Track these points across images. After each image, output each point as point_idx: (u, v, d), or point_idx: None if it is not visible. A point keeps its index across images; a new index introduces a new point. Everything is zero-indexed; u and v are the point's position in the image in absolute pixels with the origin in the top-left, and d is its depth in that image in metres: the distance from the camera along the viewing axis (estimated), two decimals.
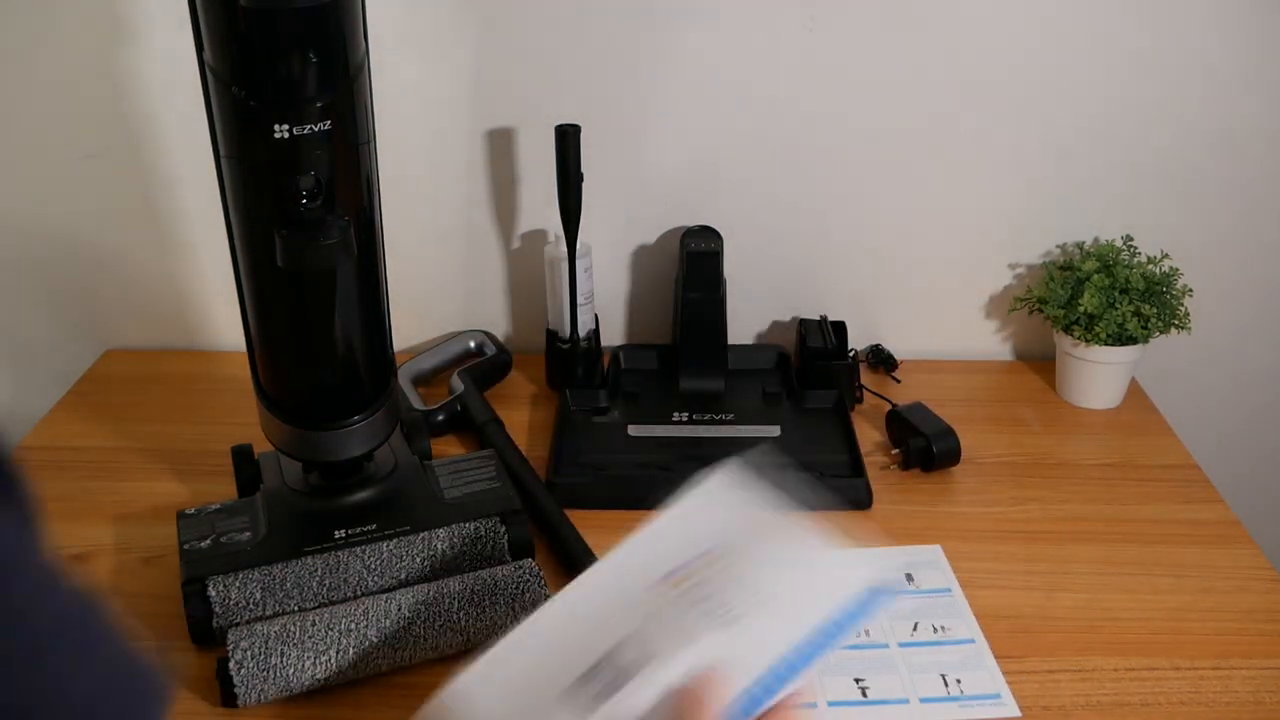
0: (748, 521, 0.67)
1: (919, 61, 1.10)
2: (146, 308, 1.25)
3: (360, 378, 0.87)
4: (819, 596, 0.63)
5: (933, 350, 1.23)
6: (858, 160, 1.15)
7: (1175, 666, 0.82)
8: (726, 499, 0.69)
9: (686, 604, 0.62)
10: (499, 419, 1.07)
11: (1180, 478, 1.04)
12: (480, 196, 1.18)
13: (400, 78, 1.09)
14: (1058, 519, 0.98)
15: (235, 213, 0.79)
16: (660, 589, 0.63)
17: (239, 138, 0.75)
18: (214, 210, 0.81)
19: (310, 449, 0.88)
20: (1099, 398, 1.14)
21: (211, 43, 0.72)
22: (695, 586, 0.63)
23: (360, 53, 0.76)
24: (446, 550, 0.86)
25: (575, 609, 0.66)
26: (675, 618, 0.61)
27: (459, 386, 1.11)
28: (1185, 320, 1.10)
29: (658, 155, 1.15)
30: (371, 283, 0.85)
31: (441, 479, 0.93)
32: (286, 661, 0.76)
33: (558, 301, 1.13)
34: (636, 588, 0.64)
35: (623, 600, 0.63)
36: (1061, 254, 1.19)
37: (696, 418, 1.09)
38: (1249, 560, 0.93)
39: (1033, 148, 1.14)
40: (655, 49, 1.10)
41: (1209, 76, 1.10)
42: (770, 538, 0.66)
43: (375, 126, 0.80)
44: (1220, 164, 1.14)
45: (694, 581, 0.63)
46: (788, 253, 1.20)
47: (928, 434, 1.02)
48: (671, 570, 0.64)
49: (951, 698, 0.79)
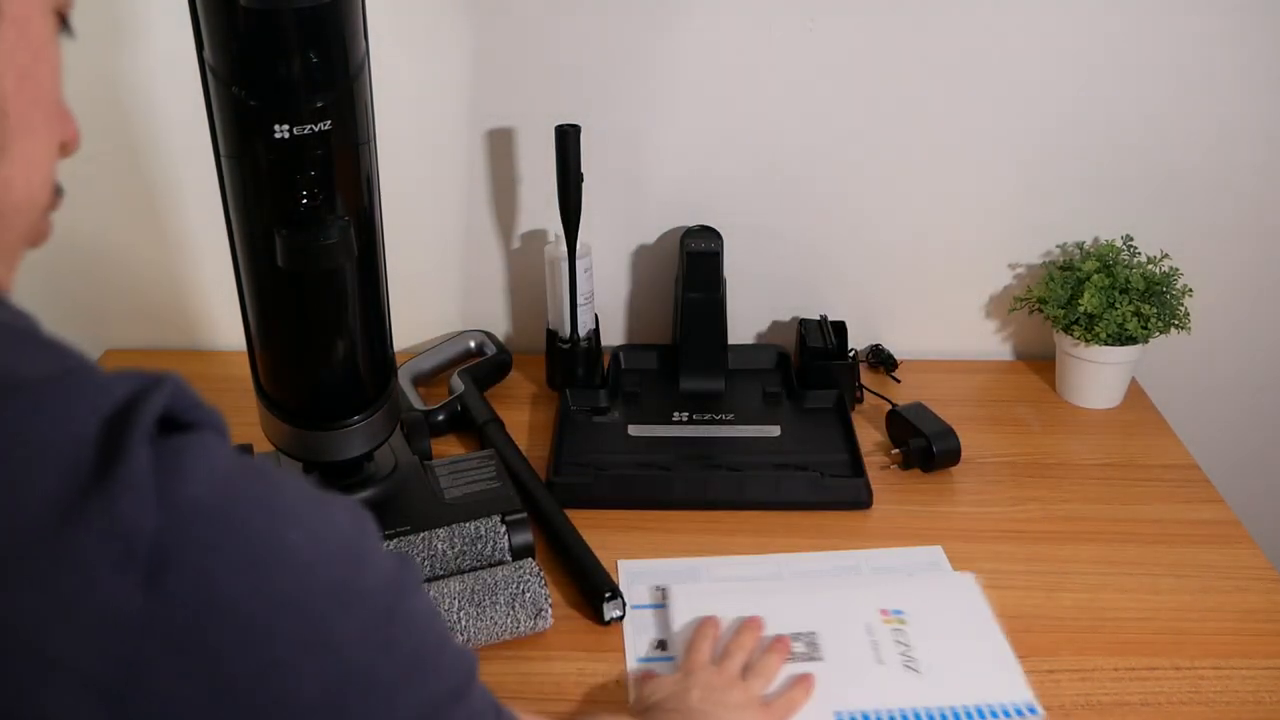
0: (966, 611, 0.86)
1: (919, 62, 1.09)
2: (146, 308, 1.25)
3: (360, 378, 0.87)
4: (981, 687, 0.79)
5: (933, 350, 1.23)
6: (858, 160, 1.15)
7: (1175, 666, 0.81)
8: (962, 591, 0.88)
9: (891, 636, 0.82)
10: (499, 419, 1.07)
11: (1180, 478, 1.04)
12: (480, 196, 1.18)
13: (400, 78, 1.09)
14: (1058, 519, 0.98)
15: (235, 213, 0.79)
16: (878, 615, 0.84)
17: (239, 138, 0.75)
18: (214, 210, 0.81)
19: (310, 449, 0.88)
20: (1099, 398, 1.14)
21: (211, 43, 0.72)
22: (902, 628, 0.83)
23: (360, 52, 0.76)
24: (446, 550, 0.86)
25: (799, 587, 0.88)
26: (875, 644, 0.81)
27: (459, 386, 1.11)
28: (1185, 320, 1.10)
29: (658, 155, 1.15)
30: (371, 283, 0.85)
31: (441, 479, 0.93)
32: None
33: (558, 301, 1.13)
34: (860, 605, 0.85)
35: (842, 604, 0.85)
36: (1061, 254, 1.19)
37: (696, 418, 1.09)
38: (1249, 560, 0.93)
39: (1033, 148, 1.14)
40: (655, 49, 1.10)
41: (1209, 77, 1.10)
42: (971, 631, 0.84)
43: (375, 126, 0.80)
44: (1220, 164, 1.14)
45: (903, 623, 0.83)
46: (788, 253, 1.20)
47: (928, 434, 1.02)
48: (889, 607, 0.85)
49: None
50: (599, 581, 0.86)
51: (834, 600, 0.86)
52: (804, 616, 0.84)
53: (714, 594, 0.87)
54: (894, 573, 0.91)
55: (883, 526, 0.97)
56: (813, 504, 0.98)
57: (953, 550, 0.93)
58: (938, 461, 1.02)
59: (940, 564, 0.92)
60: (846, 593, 0.88)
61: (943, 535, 0.95)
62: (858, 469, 1.01)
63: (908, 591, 0.87)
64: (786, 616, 0.84)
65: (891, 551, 0.93)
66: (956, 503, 1.00)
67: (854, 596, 0.87)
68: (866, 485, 0.99)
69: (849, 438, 1.06)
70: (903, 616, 0.84)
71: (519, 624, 0.82)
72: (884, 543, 0.94)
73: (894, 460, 1.05)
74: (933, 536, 0.95)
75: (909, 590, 0.88)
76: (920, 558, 0.93)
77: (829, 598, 0.87)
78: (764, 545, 0.94)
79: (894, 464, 1.04)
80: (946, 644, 0.82)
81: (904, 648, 0.81)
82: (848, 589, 0.88)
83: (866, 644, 0.82)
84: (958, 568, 0.91)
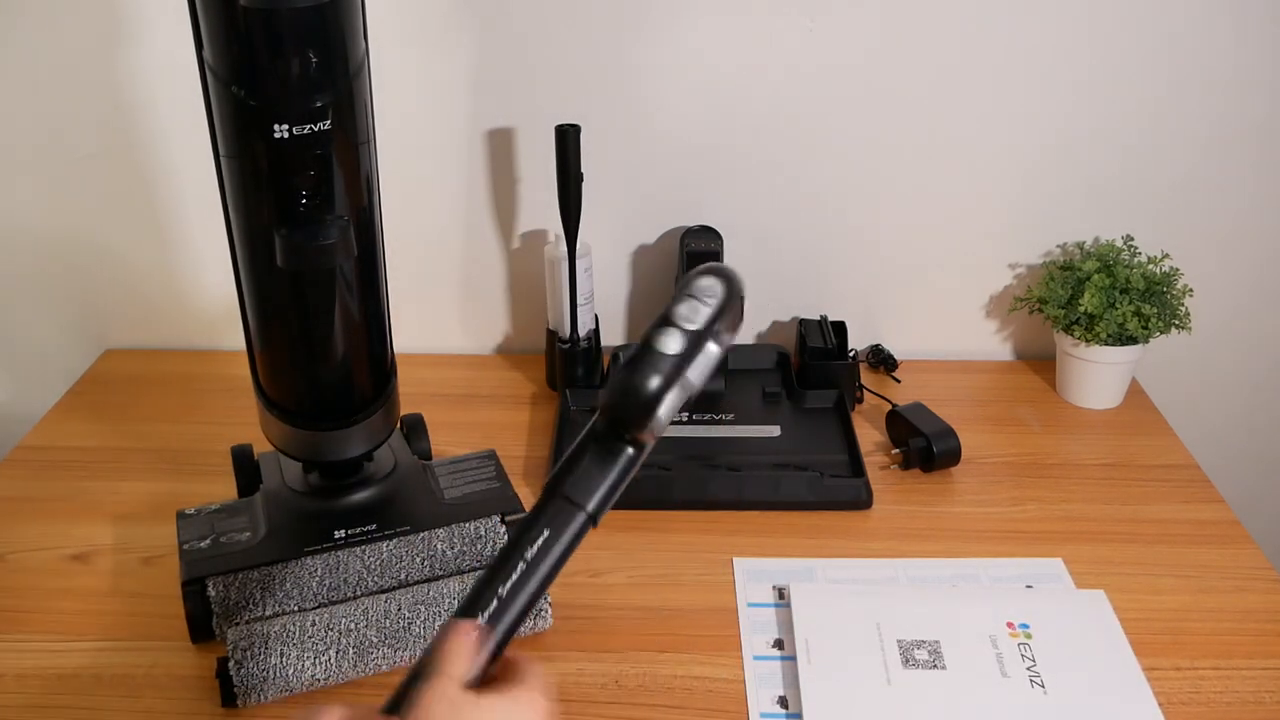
0: (1096, 628, 0.84)
1: (919, 62, 1.09)
2: (146, 308, 1.25)
3: (360, 378, 0.87)
4: (1110, 711, 0.77)
5: (933, 350, 1.23)
6: (858, 160, 1.15)
7: (1175, 666, 0.81)
8: (1092, 608, 0.86)
9: (1017, 651, 0.81)
10: None
11: (1180, 478, 1.04)
12: (480, 196, 1.18)
13: (400, 78, 1.09)
14: (1058, 519, 0.98)
15: (235, 213, 0.79)
16: (1003, 627, 0.83)
17: (239, 138, 0.75)
18: (214, 210, 0.81)
19: (310, 449, 0.87)
20: (1099, 398, 1.14)
21: (211, 43, 0.72)
22: (1028, 643, 0.82)
23: (360, 52, 0.76)
24: (446, 550, 0.86)
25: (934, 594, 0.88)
26: (1000, 657, 0.80)
27: None
28: (1185, 320, 1.10)
29: (658, 155, 1.15)
30: (371, 283, 0.85)
31: (441, 479, 0.93)
32: (286, 661, 0.76)
33: (558, 301, 1.13)
34: (985, 616, 0.84)
35: (966, 614, 0.84)
36: (1061, 254, 1.19)
37: (696, 418, 1.09)
38: (1249, 560, 0.93)
39: (1033, 148, 1.14)
40: (656, 49, 1.10)
41: (1209, 77, 1.10)
42: (1101, 651, 0.82)
43: (375, 126, 0.80)
44: (1220, 164, 1.14)
45: (1029, 637, 0.82)
46: (788, 253, 1.20)
47: (928, 434, 1.02)
48: (1016, 620, 0.84)
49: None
50: None
51: (958, 609, 0.85)
52: (927, 624, 0.83)
53: (836, 594, 0.87)
54: (1012, 582, 0.89)
55: (883, 527, 0.97)
56: (813, 504, 0.98)
57: (952, 550, 0.93)
58: (938, 461, 1.02)
59: (1061, 576, 0.90)
60: (971, 601, 0.86)
61: (943, 535, 0.95)
62: (858, 469, 1.01)
63: (1035, 604, 0.86)
64: (909, 622, 0.83)
65: (1010, 561, 0.92)
66: (956, 503, 1.00)
67: (979, 606, 0.85)
68: (866, 485, 0.99)
69: (849, 438, 1.06)
70: (1029, 630, 0.83)
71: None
72: (884, 543, 0.94)
73: (894, 460, 1.05)
74: (933, 536, 0.95)
75: (1036, 603, 0.86)
76: (1040, 569, 0.91)
77: (953, 606, 0.85)
78: (764, 546, 0.94)
79: (894, 464, 1.04)
80: (1074, 662, 0.80)
81: (1030, 663, 0.80)
82: (972, 598, 0.87)
83: (991, 656, 0.80)
84: (959, 567, 0.91)
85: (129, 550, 0.94)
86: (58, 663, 0.82)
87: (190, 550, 0.85)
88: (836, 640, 0.82)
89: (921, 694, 0.77)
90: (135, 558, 0.93)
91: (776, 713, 0.77)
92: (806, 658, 0.81)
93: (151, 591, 0.89)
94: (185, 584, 0.82)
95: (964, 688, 0.78)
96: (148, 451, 1.08)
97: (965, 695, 0.77)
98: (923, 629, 0.83)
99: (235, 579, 0.82)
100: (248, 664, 0.76)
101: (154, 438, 1.10)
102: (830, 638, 0.82)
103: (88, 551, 0.94)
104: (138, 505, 1.00)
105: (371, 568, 0.85)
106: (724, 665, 0.82)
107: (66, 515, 0.98)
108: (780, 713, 0.77)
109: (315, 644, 0.77)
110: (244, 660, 0.76)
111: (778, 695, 0.79)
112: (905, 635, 0.82)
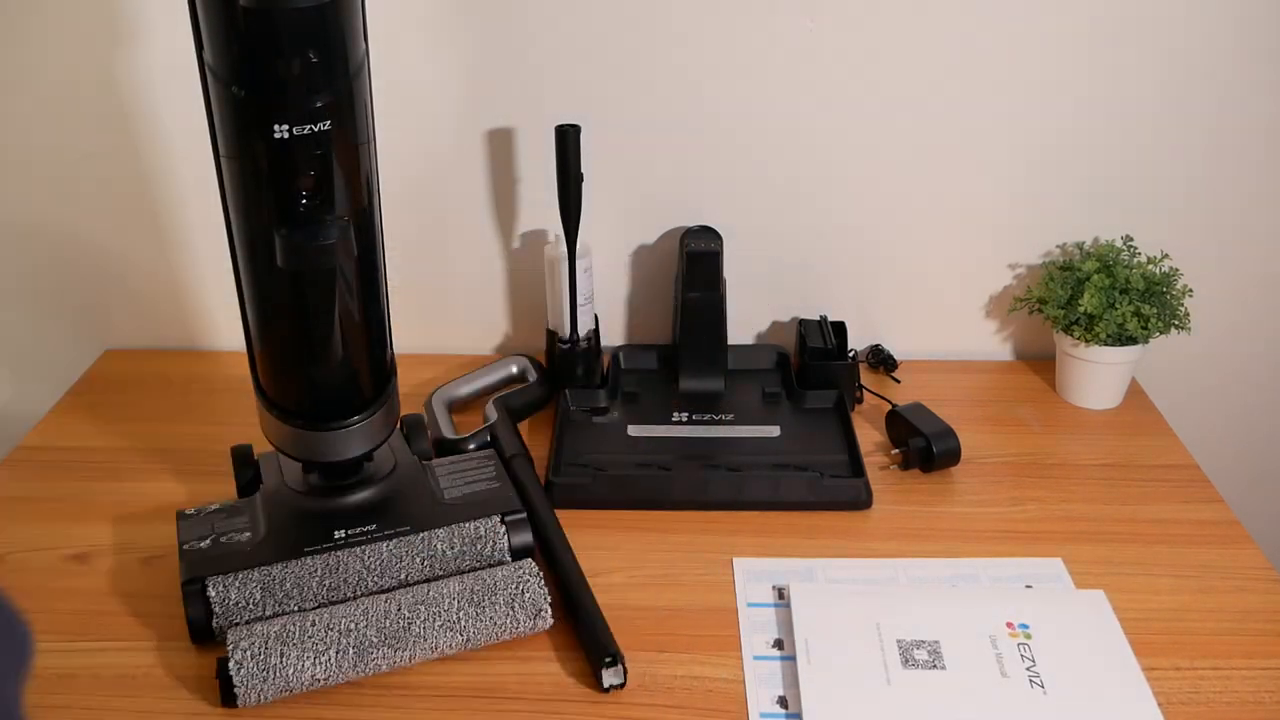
0: (1095, 629, 0.84)
1: (920, 62, 1.09)
2: (146, 308, 1.25)
3: (360, 378, 0.87)
4: (1110, 711, 0.77)
5: (933, 350, 1.23)
6: (858, 160, 1.15)
7: (1175, 667, 0.81)
8: (1091, 608, 0.86)
9: (1017, 651, 0.81)
10: (529, 454, 1.02)
11: (1180, 478, 1.04)
12: (480, 196, 1.18)
13: (400, 78, 1.09)
14: (1058, 519, 0.98)
15: (235, 213, 0.79)
16: (1003, 627, 0.83)
17: (239, 138, 0.75)
18: (214, 210, 0.81)
19: (310, 449, 0.87)
20: (1099, 398, 1.14)
21: (211, 43, 0.72)
22: (1028, 643, 0.81)
23: (360, 52, 0.76)
24: (446, 550, 0.86)
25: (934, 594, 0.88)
26: (1000, 657, 0.80)
27: (492, 415, 1.07)
28: (1185, 320, 1.10)
29: (658, 155, 1.15)
30: (371, 283, 0.85)
31: (441, 479, 0.93)
32: (286, 661, 0.76)
33: (558, 301, 1.13)
34: (984, 616, 0.84)
35: (966, 614, 0.84)
36: (1061, 254, 1.19)
37: (696, 418, 1.09)
38: (1249, 560, 0.93)
39: (1032, 148, 1.14)
40: (655, 49, 1.10)
41: (1208, 76, 1.10)
42: (1100, 651, 0.82)
43: (375, 126, 0.80)
44: (1220, 164, 1.14)
45: (1029, 638, 0.82)
46: (788, 253, 1.20)
47: (928, 434, 1.02)
48: (1015, 620, 0.83)
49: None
50: (601, 644, 0.80)
51: (957, 609, 0.85)
52: (927, 624, 0.83)
53: (835, 594, 0.87)
54: (1012, 582, 0.89)
55: (883, 527, 0.97)
56: (812, 504, 0.98)
57: (952, 550, 0.93)
58: (938, 462, 1.02)
59: (1061, 576, 0.90)
60: (970, 601, 0.86)
61: (943, 535, 0.95)
62: (858, 469, 1.01)
63: (1034, 605, 0.86)
64: (909, 622, 0.83)
65: (1010, 561, 0.92)
66: (956, 503, 1.00)
67: (978, 606, 0.85)
68: (866, 485, 0.99)
69: (849, 438, 1.06)
70: (1029, 631, 0.83)
71: (519, 624, 0.82)
72: (884, 543, 0.94)
73: (894, 460, 1.05)
74: (933, 536, 0.95)
75: (1036, 604, 0.86)
76: (1040, 569, 0.91)
77: (952, 606, 0.85)
78: (764, 546, 0.94)
79: (894, 464, 1.04)
80: (1074, 662, 0.80)
81: (1029, 663, 0.80)
82: (971, 598, 0.87)
83: (990, 656, 0.80)
84: (958, 567, 0.91)
85: (129, 550, 0.94)
86: (58, 663, 0.82)
87: (190, 550, 0.85)
88: (836, 640, 0.82)
89: (921, 694, 0.78)
90: (135, 558, 0.93)
91: (776, 713, 0.77)
92: (806, 658, 0.81)
93: (151, 591, 0.89)
94: (185, 584, 0.82)
95: (963, 688, 0.78)
96: (148, 451, 1.08)
97: (965, 695, 0.77)
98: (922, 629, 0.83)
99: (235, 579, 0.82)
100: (248, 664, 0.76)
101: (154, 438, 1.10)
102: (830, 638, 0.82)
103: (88, 551, 0.94)
104: (138, 505, 1.00)
105: (371, 568, 0.85)
106: (724, 665, 0.82)
107: (66, 515, 0.98)
108: (780, 713, 0.77)
109: (315, 644, 0.77)
110: (244, 660, 0.76)
111: (777, 695, 0.79)
112: (905, 635, 0.82)
